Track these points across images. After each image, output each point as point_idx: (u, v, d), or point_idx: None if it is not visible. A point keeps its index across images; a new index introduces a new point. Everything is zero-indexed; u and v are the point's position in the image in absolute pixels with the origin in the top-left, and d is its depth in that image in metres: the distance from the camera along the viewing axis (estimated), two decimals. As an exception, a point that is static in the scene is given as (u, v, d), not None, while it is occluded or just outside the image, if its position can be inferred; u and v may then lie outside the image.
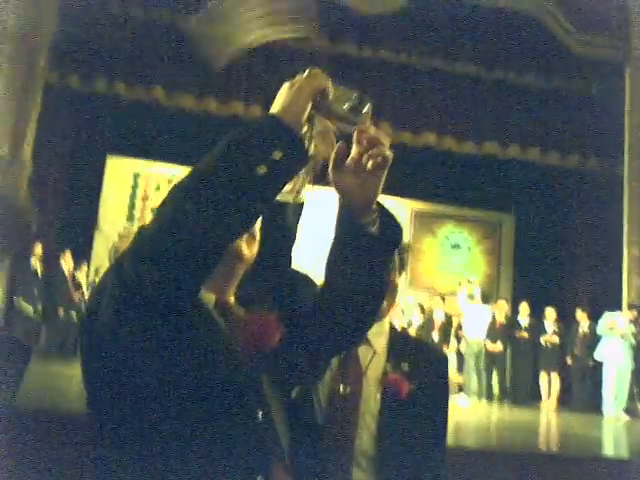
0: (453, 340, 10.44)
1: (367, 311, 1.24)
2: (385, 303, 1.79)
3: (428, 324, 10.30)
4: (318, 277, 1.34)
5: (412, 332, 10.22)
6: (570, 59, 10.24)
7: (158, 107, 10.11)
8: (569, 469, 4.76)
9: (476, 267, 13.09)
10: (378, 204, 1.19)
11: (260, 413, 1.11)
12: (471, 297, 10.19)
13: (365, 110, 1.09)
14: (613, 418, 8.48)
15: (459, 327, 10.36)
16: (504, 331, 10.01)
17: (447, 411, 1.88)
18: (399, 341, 1.89)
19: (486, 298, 10.52)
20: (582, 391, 9.57)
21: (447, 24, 10.14)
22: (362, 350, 1.82)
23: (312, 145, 1.17)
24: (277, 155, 0.99)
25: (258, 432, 1.09)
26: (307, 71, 1.06)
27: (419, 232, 13.10)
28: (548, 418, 8.58)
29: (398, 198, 12.61)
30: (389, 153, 1.12)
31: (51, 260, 9.47)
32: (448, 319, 10.43)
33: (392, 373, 1.79)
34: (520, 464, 4.83)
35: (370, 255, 1.17)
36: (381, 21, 9.95)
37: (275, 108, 1.05)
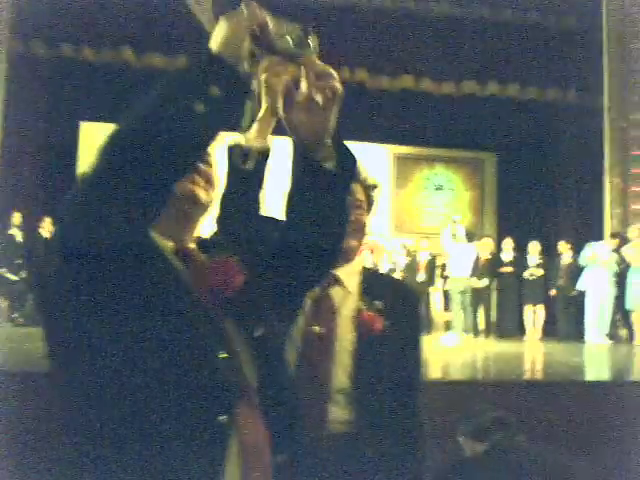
0: (439, 279, 10.61)
1: (329, 248, 1.25)
2: (354, 242, 1.86)
3: (413, 265, 10.43)
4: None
5: (398, 274, 10.39)
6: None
7: (127, 69, 9.93)
8: (553, 395, 4.93)
9: (460, 207, 13.18)
10: (334, 139, 1.17)
11: (222, 354, 1.10)
12: (455, 236, 10.31)
13: (311, 43, 1.07)
14: (596, 344, 8.71)
15: (444, 266, 10.51)
16: (489, 267, 10.15)
17: (420, 346, 1.92)
18: (372, 280, 1.91)
19: (470, 236, 10.63)
20: (566, 321, 9.78)
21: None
22: (335, 290, 1.84)
23: (261, 83, 1.17)
24: (214, 91, 0.97)
25: (220, 373, 1.08)
26: (243, 5, 1.02)
27: (402, 176, 13.13)
28: (533, 348, 8.81)
29: (379, 143, 12.61)
30: (339, 85, 1.10)
31: (31, 228, 9.43)
32: (433, 259, 10.57)
33: (366, 311, 1.81)
34: (506, 393, 4.99)
35: (328, 191, 1.17)
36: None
37: (211, 44, 1.01)
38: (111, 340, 1.02)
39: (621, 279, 8.99)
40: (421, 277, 10.36)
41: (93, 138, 11.73)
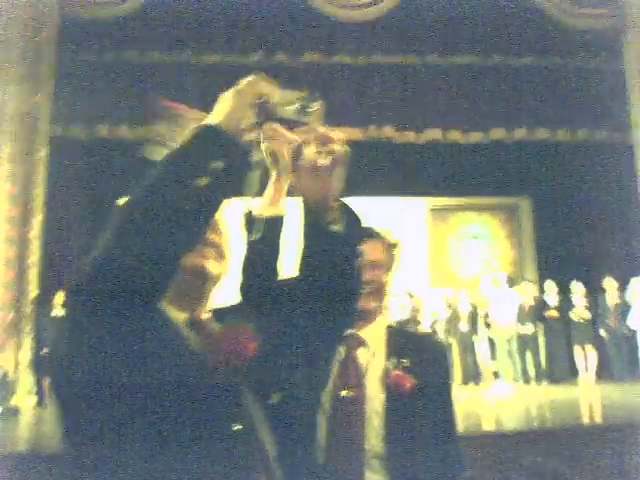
0: (483, 328, 10.45)
1: (341, 309, 1.24)
2: (374, 303, 1.85)
3: (455, 317, 10.32)
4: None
5: (441, 326, 10.27)
6: (566, 35, 10.26)
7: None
8: (614, 438, 4.76)
9: (498, 254, 13.07)
10: (342, 203, 1.20)
11: (236, 426, 1.09)
12: (496, 283, 10.20)
13: (314, 109, 1.08)
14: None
15: (486, 315, 10.36)
16: (533, 312, 9.98)
17: (451, 400, 1.88)
18: (397, 338, 1.89)
19: (511, 282, 10.51)
20: (620, 361, 9.49)
21: (439, 18, 10.23)
22: (361, 352, 1.83)
23: (264, 152, 1.20)
24: (217, 165, 0.98)
25: (235, 446, 1.07)
26: (248, 77, 1.05)
27: (437, 227, 13.12)
28: (588, 392, 8.54)
29: (412, 197, 12.67)
30: (340, 148, 1.14)
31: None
32: (474, 309, 10.44)
33: (394, 370, 1.78)
34: (564, 440, 4.84)
35: (336, 252, 1.19)
36: (370, 24, 10.06)
37: (213, 117, 1.02)
38: (125, 416, 1.00)
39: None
40: (464, 327, 10.23)
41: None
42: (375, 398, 1.76)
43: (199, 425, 1.04)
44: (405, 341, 1.90)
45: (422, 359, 1.83)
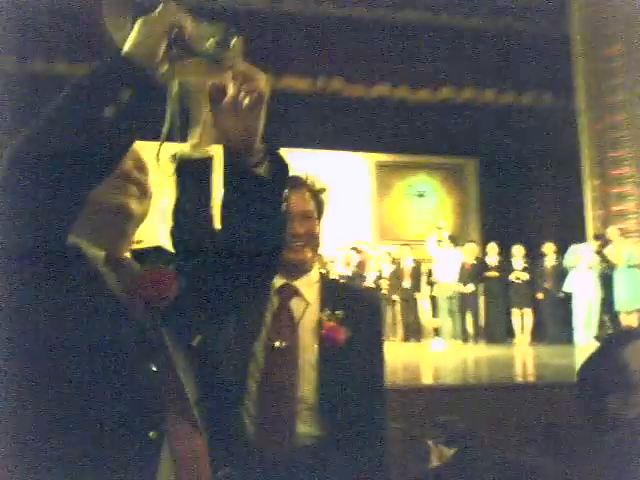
0: (425, 286, 10.62)
1: (267, 256, 1.19)
2: (309, 253, 1.83)
3: (398, 272, 10.45)
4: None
5: (385, 281, 10.40)
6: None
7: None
8: (544, 397, 4.94)
9: (443, 213, 13.23)
10: (266, 145, 1.14)
11: (153, 366, 1.06)
12: (440, 242, 10.35)
13: (233, 44, 1.01)
14: (585, 347, 8.72)
15: (430, 273, 10.53)
16: (474, 272, 10.18)
17: (383, 353, 1.89)
18: (331, 289, 1.88)
19: (456, 242, 10.68)
20: (554, 324, 9.78)
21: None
22: (294, 302, 1.81)
23: (175, 85, 1.06)
24: (126, 94, 0.92)
25: (152, 387, 1.04)
26: (160, 6, 0.98)
27: (383, 184, 13.17)
28: (523, 352, 8.82)
29: (358, 152, 12.67)
30: (264, 87, 1.06)
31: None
32: (418, 266, 10.58)
33: (327, 322, 1.77)
34: (498, 396, 5.00)
35: (260, 197, 1.13)
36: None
37: (125, 46, 0.96)
38: (36, 351, 0.97)
39: (608, 280, 9.02)
40: (407, 284, 10.37)
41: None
42: (308, 349, 1.75)
43: (114, 366, 1.00)
44: (339, 293, 1.89)
45: (356, 311, 1.82)
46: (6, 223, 0.92)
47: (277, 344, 1.72)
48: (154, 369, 1.06)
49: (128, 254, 1.22)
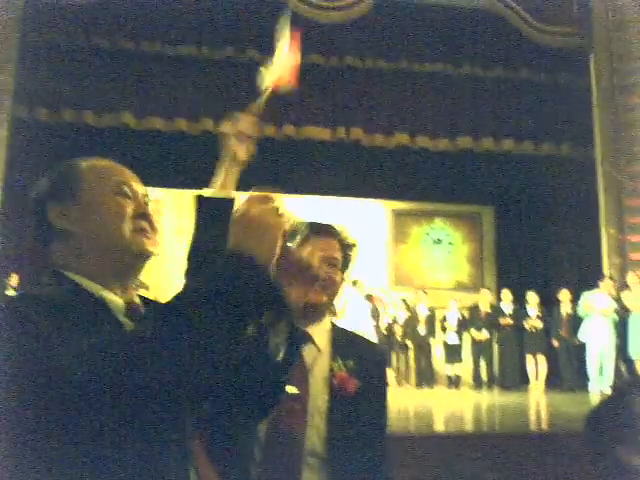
0: (440, 332, 10.60)
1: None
2: (325, 298, 1.81)
3: (414, 319, 10.45)
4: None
5: (398, 328, 10.40)
6: (534, 50, 10.45)
7: (128, 132, 10.16)
8: (559, 446, 4.89)
9: (459, 259, 13.26)
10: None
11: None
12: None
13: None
14: (599, 395, 8.62)
15: (444, 319, 10.51)
16: (489, 319, 10.16)
17: (387, 406, 1.88)
18: (342, 338, 1.87)
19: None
20: (569, 371, 9.70)
21: (409, 26, 10.33)
22: (306, 349, 1.79)
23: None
24: (268, 318, 1.01)
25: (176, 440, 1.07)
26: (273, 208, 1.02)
27: (399, 231, 13.24)
28: (537, 399, 8.73)
29: (376, 200, 12.78)
30: None
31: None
32: (432, 313, 10.60)
33: (339, 371, 1.76)
34: (512, 444, 4.96)
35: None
36: (344, 28, 10.10)
37: (251, 248, 0.98)
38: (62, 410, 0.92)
39: (622, 327, 8.94)
40: (421, 330, 10.36)
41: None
42: (318, 397, 1.74)
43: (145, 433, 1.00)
44: (349, 342, 1.89)
45: (365, 361, 1.82)
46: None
47: (289, 390, 1.66)
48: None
49: (137, 299, 1.18)
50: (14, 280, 9.09)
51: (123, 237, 1.11)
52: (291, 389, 1.68)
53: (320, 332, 1.83)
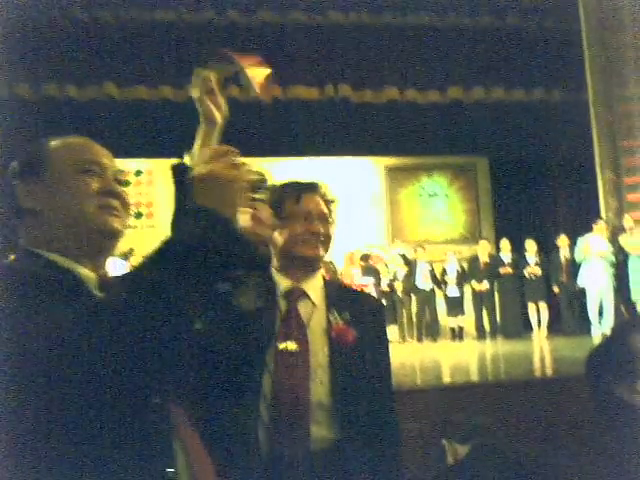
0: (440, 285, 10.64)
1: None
2: (322, 252, 1.85)
3: (413, 274, 10.47)
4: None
5: (399, 284, 10.44)
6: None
7: (112, 103, 10.02)
8: (564, 390, 4.93)
9: (455, 212, 13.25)
10: None
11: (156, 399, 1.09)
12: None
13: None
14: (601, 337, 8.67)
15: (444, 272, 10.54)
16: (489, 270, 10.18)
17: (389, 355, 1.91)
18: (335, 292, 1.90)
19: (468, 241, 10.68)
20: (571, 316, 9.78)
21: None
22: (302, 305, 1.81)
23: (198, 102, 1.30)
24: (242, 273, 1.05)
25: (157, 419, 1.08)
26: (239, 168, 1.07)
27: (394, 186, 13.20)
28: (540, 346, 8.80)
29: (369, 156, 12.70)
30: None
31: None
32: (431, 267, 10.62)
33: (336, 323, 1.78)
34: (517, 392, 5.00)
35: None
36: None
37: (213, 203, 1.00)
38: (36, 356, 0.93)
39: (622, 269, 8.95)
40: (423, 285, 10.41)
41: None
42: (319, 351, 1.75)
43: (118, 397, 0.99)
44: (343, 295, 1.91)
45: (361, 313, 1.84)
46: None
47: (288, 347, 1.72)
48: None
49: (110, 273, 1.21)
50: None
51: (87, 215, 1.12)
52: (290, 345, 1.72)
53: (314, 288, 1.85)
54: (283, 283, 1.82)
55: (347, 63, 10.38)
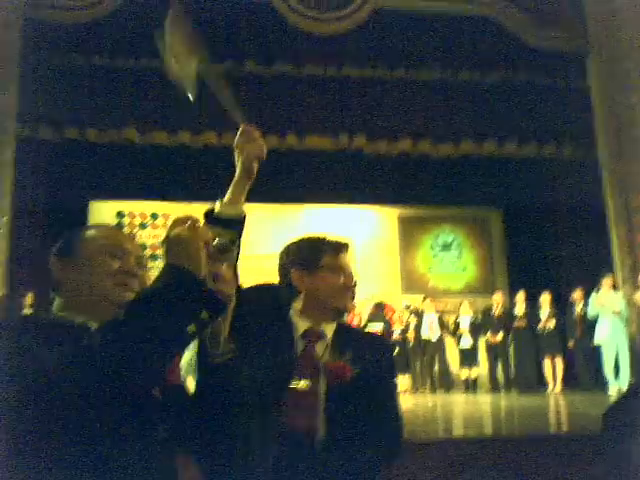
0: (453, 336, 10.56)
1: None
2: (351, 304, 1.97)
3: (424, 325, 10.43)
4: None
5: (410, 334, 10.39)
6: (531, 54, 10.44)
7: (132, 147, 10.20)
8: (578, 447, 4.83)
9: (468, 264, 13.23)
10: None
11: (160, 432, 1.26)
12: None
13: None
14: (617, 395, 8.51)
15: (457, 324, 10.48)
16: (503, 321, 10.11)
17: (396, 394, 1.95)
18: (344, 332, 1.94)
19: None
20: (586, 372, 9.61)
21: (406, 34, 10.35)
22: (318, 345, 1.86)
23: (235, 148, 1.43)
24: (205, 315, 1.15)
25: (160, 450, 1.24)
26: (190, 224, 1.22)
27: (407, 237, 13.23)
28: (555, 401, 8.65)
29: (382, 207, 12.79)
30: None
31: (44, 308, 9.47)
32: (441, 318, 10.59)
33: (333, 361, 1.81)
34: (531, 447, 4.90)
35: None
36: (341, 39, 10.12)
37: (180, 259, 1.17)
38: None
39: (637, 327, 8.85)
40: (432, 336, 10.34)
41: (101, 215, 11.96)
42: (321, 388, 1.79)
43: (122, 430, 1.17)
44: (350, 336, 1.95)
45: (365, 351, 1.86)
46: None
47: (302, 385, 1.75)
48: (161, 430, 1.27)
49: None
50: (30, 299, 9.17)
51: (105, 289, 1.34)
52: (303, 384, 1.75)
53: (330, 330, 1.90)
54: (301, 324, 1.87)
55: (361, 115, 10.53)
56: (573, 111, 10.47)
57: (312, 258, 1.84)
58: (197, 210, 1.44)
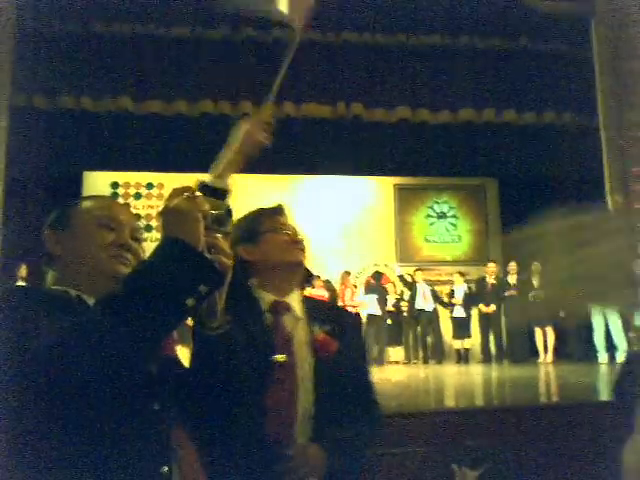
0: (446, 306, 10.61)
1: None
2: (304, 259, 1.95)
3: (418, 295, 10.47)
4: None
5: (404, 304, 10.43)
6: (535, 19, 10.30)
7: (127, 115, 10.09)
8: (568, 417, 4.89)
9: (463, 233, 13.24)
10: None
11: (156, 405, 1.27)
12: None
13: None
14: (606, 364, 8.61)
15: (451, 293, 10.51)
16: (496, 292, 10.14)
17: (369, 368, 2.00)
18: (313, 305, 1.97)
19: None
20: (578, 341, 9.70)
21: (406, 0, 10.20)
22: (286, 318, 1.87)
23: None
24: (204, 289, 1.12)
25: (156, 423, 1.26)
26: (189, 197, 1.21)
27: (404, 206, 13.22)
28: (546, 372, 8.73)
29: (378, 176, 12.74)
30: None
31: (37, 280, 9.45)
32: (434, 288, 10.62)
33: (318, 335, 1.84)
34: (522, 418, 4.96)
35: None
36: (340, 4, 9.96)
37: (178, 232, 1.15)
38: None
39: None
40: (426, 306, 10.37)
41: (96, 186, 11.89)
42: (304, 363, 1.80)
43: (119, 405, 1.18)
44: (323, 309, 2.00)
45: (340, 324, 1.91)
46: None
47: (278, 358, 1.76)
48: (156, 406, 1.28)
49: None
50: (23, 271, 9.13)
51: (100, 262, 1.36)
52: (280, 357, 1.76)
53: (296, 301, 1.92)
54: (266, 298, 1.88)
55: (359, 82, 10.42)
56: (574, 78, 10.38)
57: (252, 229, 1.89)
58: (193, 180, 1.42)
